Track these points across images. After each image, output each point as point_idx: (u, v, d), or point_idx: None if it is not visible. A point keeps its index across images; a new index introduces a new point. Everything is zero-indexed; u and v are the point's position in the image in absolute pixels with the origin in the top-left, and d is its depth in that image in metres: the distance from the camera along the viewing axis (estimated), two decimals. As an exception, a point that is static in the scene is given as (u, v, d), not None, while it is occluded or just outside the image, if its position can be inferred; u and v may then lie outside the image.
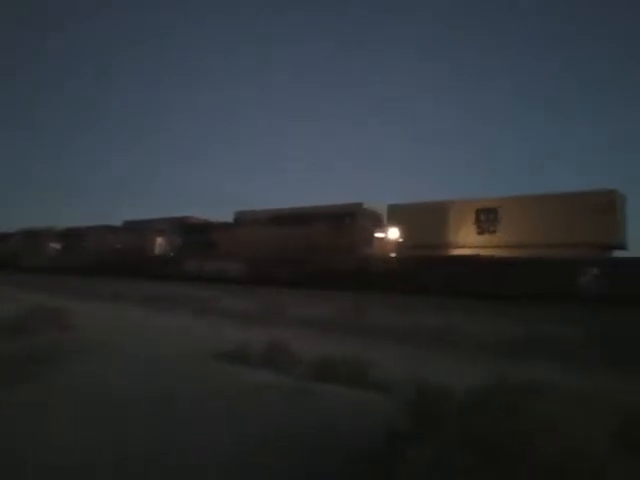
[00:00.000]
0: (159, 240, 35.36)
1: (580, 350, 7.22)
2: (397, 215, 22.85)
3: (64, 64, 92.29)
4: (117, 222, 41.50)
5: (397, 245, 22.37)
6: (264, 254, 26.11)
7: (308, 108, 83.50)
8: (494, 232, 19.79)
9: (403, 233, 22.22)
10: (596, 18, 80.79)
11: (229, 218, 32.18)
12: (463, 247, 20.32)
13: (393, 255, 22.22)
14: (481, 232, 20.17)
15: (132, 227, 38.03)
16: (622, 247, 17.75)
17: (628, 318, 10.83)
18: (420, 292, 17.44)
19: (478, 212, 20.41)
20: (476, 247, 19.75)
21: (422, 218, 21.42)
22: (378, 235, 23.46)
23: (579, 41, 76.19)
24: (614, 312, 11.83)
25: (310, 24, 74.07)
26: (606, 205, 17.04)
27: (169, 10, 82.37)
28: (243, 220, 30.07)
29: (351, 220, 23.84)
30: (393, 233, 22.59)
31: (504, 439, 3.08)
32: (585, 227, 17.13)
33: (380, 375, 5.63)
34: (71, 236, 41.71)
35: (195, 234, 32.75)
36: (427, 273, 18.92)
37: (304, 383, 5.62)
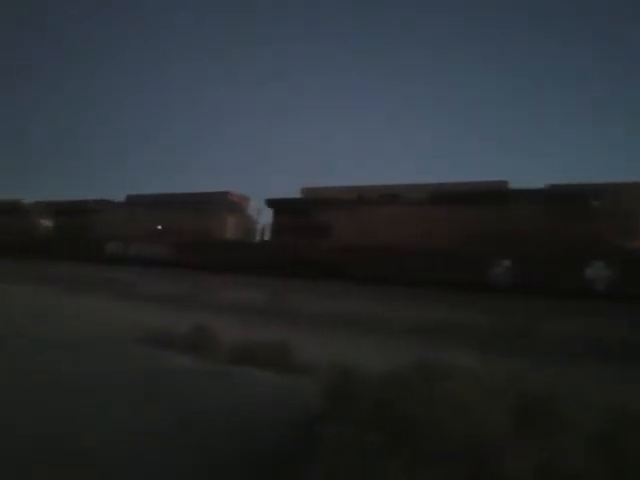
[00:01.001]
0: (232, 220, 26.33)
1: (489, 336, 7.64)
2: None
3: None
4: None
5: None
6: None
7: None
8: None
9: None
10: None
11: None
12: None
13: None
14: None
15: (172, 202, 28.28)
16: None
17: (537, 306, 11.54)
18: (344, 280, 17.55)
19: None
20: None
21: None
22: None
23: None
24: (524, 301, 12.57)
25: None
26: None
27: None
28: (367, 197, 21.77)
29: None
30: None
31: (416, 420, 3.21)
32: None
33: (302, 359, 5.72)
34: (71, 212, 32.17)
35: (291, 214, 23.21)
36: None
37: (224, 367, 5.63)
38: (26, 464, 3.29)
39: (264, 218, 25.68)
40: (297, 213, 22.97)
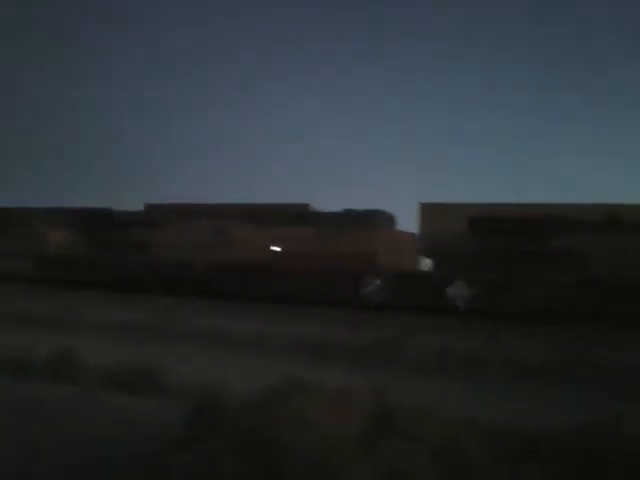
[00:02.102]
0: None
1: (359, 352, 8.04)
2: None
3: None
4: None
5: None
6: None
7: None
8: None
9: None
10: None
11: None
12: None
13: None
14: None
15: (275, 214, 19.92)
16: None
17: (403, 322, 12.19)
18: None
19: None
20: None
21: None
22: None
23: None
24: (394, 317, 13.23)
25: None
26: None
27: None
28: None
29: None
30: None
31: (270, 440, 3.35)
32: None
33: (170, 380, 5.65)
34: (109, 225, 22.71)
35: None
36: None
37: (90, 392, 5.42)
38: None
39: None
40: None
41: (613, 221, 15.89)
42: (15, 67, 60.61)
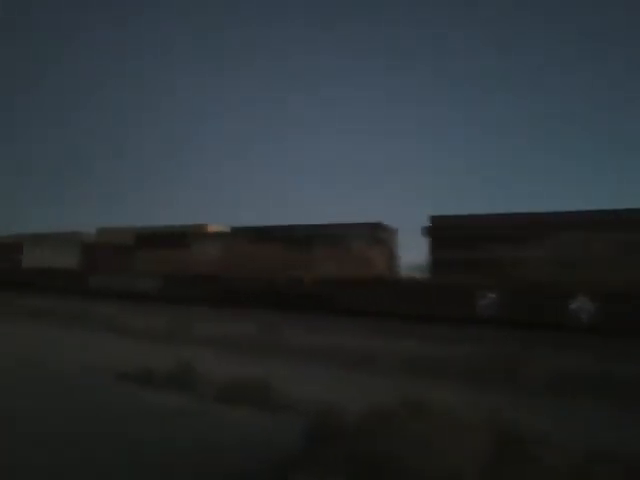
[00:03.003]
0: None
1: (476, 370, 7.62)
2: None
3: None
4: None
5: None
6: None
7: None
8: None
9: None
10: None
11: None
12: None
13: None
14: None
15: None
16: None
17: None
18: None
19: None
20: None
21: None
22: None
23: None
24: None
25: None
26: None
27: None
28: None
29: None
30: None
31: (387, 460, 3.20)
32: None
33: (287, 396, 5.66)
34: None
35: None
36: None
37: (209, 405, 5.57)
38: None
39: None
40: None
41: None
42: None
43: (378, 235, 19.75)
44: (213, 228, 24.34)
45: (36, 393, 5.98)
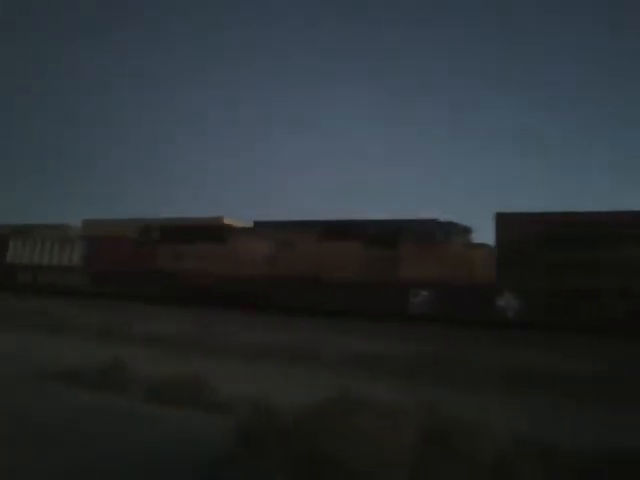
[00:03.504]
0: None
1: (409, 366, 7.78)
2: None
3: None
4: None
5: None
6: None
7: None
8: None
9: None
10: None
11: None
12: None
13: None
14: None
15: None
16: None
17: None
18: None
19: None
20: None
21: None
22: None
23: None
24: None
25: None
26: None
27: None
28: None
29: None
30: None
31: (322, 455, 3.19)
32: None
33: (221, 395, 5.55)
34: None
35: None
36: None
37: (137, 404, 5.39)
38: None
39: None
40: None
41: None
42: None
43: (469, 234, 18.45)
44: (230, 222, 21.62)
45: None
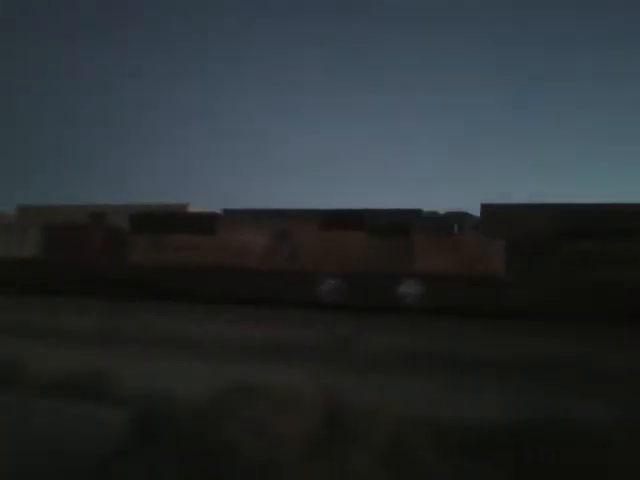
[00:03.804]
0: None
1: (311, 351, 8.01)
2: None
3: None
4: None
5: None
6: None
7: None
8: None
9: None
10: None
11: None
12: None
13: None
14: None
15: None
16: None
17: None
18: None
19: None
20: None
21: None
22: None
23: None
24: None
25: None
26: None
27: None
28: None
29: None
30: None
31: (218, 445, 3.31)
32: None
33: (120, 388, 5.47)
34: None
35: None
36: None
37: (34, 400, 5.21)
38: None
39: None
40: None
41: None
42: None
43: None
44: (195, 209, 20.45)
45: None
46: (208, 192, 47.75)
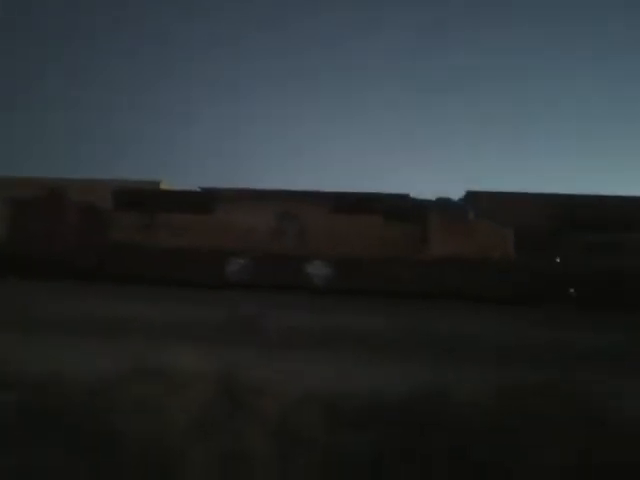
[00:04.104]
0: None
1: (212, 331, 7.95)
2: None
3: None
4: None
5: None
6: None
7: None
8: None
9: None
10: None
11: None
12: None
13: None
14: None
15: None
16: None
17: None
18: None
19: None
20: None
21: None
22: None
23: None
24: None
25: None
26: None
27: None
28: None
29: None
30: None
31: (106, 428, 3.30)
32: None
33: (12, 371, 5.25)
34: None
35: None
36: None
37: None
38: None
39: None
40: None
41: None
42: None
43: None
44: (167, 187, 18.79)
45: None
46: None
